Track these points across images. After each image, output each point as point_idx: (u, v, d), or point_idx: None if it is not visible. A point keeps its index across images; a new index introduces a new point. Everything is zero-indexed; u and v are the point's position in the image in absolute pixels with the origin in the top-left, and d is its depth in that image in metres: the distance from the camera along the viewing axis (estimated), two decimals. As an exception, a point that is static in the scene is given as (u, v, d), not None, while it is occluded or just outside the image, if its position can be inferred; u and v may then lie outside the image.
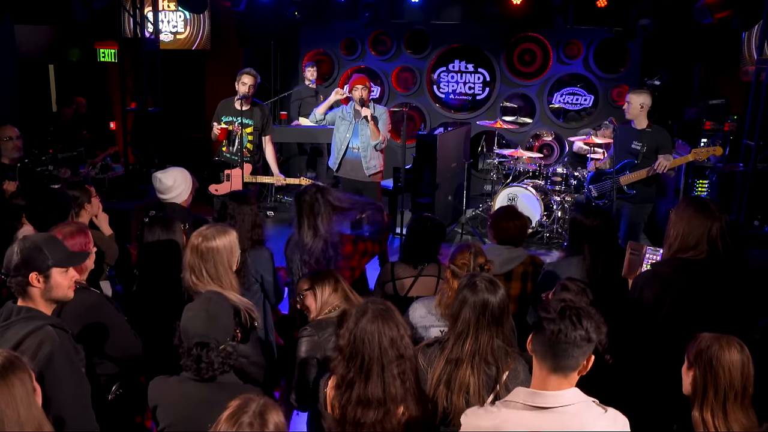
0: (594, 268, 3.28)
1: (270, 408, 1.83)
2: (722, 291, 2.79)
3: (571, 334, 1.86)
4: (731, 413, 2.13)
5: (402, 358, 2.22)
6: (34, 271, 2.35)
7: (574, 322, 1.87)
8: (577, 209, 3.52)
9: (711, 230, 2.76)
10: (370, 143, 5.83)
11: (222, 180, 5.67)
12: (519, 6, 8.34)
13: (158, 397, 2.37)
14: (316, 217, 3.65)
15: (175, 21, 9.41)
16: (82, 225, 3.13)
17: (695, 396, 2.18)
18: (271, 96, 9.22)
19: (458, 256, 3.09)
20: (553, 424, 1.88)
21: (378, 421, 2.19)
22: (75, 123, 8.61)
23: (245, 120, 5.60)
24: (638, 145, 5.41)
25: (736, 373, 2.13)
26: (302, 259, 3.67)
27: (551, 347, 1.89)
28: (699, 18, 7.18)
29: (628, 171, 5.48)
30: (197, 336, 2.26)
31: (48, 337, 2.30)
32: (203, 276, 2.94)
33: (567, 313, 1.89)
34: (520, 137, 9.74)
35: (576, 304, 1.92)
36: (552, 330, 1.88)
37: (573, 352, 1.88)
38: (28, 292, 2.38)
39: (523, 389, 1.96)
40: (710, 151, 5.44)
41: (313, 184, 3.82)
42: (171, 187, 3.98)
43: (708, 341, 2.19)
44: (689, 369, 2.22)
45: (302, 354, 2.81)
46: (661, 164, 5.22)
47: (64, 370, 2.31)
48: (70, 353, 2.35)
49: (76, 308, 2.70)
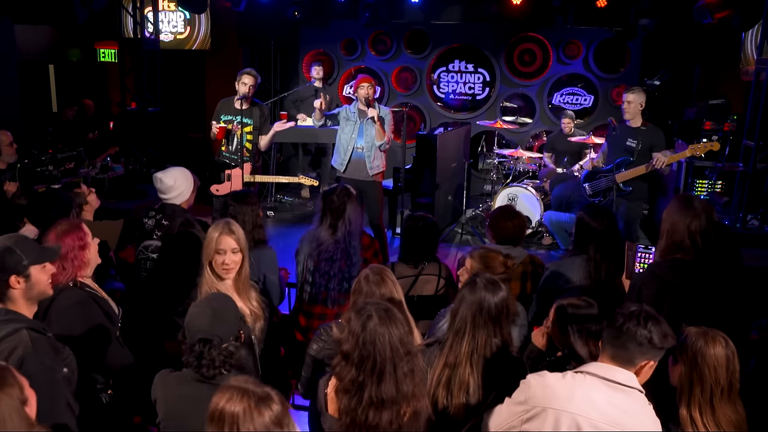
0: (598, 270, 3.27)
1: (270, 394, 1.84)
2: (719, 291, 2.80)
3: (634, 330, 2.00)
4: (719, 408, 2.15)
5: (410, 354, 2.24)
6: (12, 274, 2.34)
7: (641, 323, 2.01)
8: (584, 210, 3.51)
9: (690, 226, 2.80)
10: (375, 143, 5.83)
11: (223, 180, 5.67)
12: (519, 6, 8.34)
13: (158, 391, 2.39)
14: (335, 218, 3.68)
15: (175, 21, 9.42)
16: (76, 221, 3.09)
17: (682, 392, 2.21)
18: (271, 96, 9.22)
19: (492, 262, 3.08)
20: (623, 399, 1.99)
21: (392, 421, 2.19)
22: (79, 124, 8.64)
23: (244, 119, 5.61)
24: (633, 143, 5.45)
25: (722, 370, 2.15)
26: (311, 253, 3.68)
27: (616, 340, 2.03)
28: (699, 18, 7.18)
29: (623, 168, 5.52)
30: (201, 333, 2.27)
31: (23, 341, 2.28)
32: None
33: (637, 314, 2.04)
34: (520, 137, 9.74)
35: (648, 310, 2.07)
36: (619, 325, 2.03)
37: (634, 348, 2.00)
38: (8, 295, 2.37)
39: (596, 363, 2.09)
40: (708, 146, 5.46)
41: (342, 186, 3.85)
42: (171, 187, 3.97)
43: (693, 337, 2.22)
44: (675, 364, 2.26)
45: (312, 352, 2.84)
46: (660, 160, 5.26)
47: (37, 373, 2.26)
48: (43, 358, 2.33)
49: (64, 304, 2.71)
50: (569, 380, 2.02)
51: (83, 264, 2.86)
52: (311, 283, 3.69)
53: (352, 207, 3.70)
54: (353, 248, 3.68)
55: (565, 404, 1.97)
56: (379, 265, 2.91)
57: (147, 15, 7.93)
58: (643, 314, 2.02)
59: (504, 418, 2.09)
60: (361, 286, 2.76)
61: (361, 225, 3.86)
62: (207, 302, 2.37)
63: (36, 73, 9.34)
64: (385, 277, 2.78)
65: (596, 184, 5.80)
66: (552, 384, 2.03)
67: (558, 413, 1.97)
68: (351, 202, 3.71)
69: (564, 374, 2.06)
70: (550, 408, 1.98)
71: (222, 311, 2.35)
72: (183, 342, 2.32)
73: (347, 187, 3.84)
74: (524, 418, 2.03)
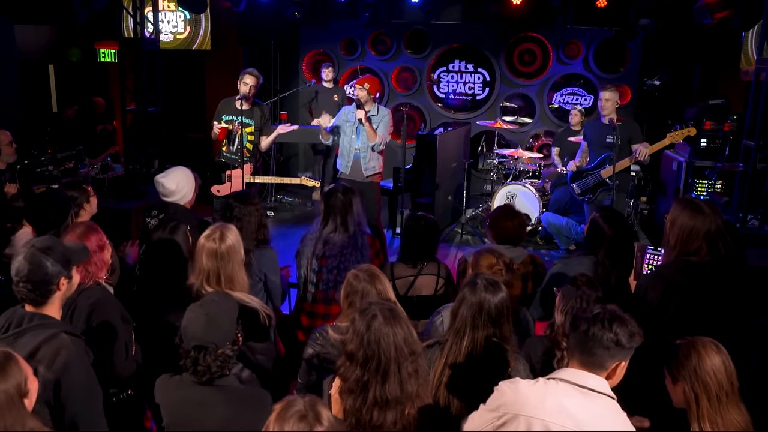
0: (606, 275, 3.26)
1: (318, 402, 1.81)
2: (725, 292, 2.79)
3: (599, 334, 1.98)
4: (726, 414, 2.15)
5: (414, 354, 2.24)
6: (62, 276, 2.34)
7: (605, 326, 1.99)
8: (600, 212, 3.49)
9: (710, 231, 2.76)
10: (369, 144, 5.83)
11: (224, 181, 5.67)
12: (519, 6, 8.33)
13: (160, 396, 2.39)
14: (343, 215, 3.68)
15: (175, 21, 9.41)
16: (91, 223, 3.09)
17: (690, 409, 2.19)
18: (271, 96, 9.22)
19: (482, 261, 3.09)
20: (595, 405, 1.97)
21: (396, 421, 2.19)
22: (85, 122, 8.66)
23: (245, 119, 5.61)
24: (612, 138, 5.78)
25: (722, 376, 2.15)
26: (314, 252, 3.67)
27: (582, 345, 2.02)
28: (699, 18, 7.17)
29: (607, 164, 5.85)
30: (195, 339, 2.26)
31: (64, 345, 2.28)
32: (221, 279, 2.94)
33: (600, 317, 2.01)
34: (520, 137, 9.74)
35: (613, 310, 2.04)
36: (583, 330, 2.01)
37: (601, 353, 1.99)
38: (51, 298, 2.35)
39: (567, 369, 2.08)
40: (685, 132, 5.82)
41: (342, 185, 3.87)
42: (174, 191, 3.99)
43: (685, 351, 2.20)
44: (675, 383, 2.24)
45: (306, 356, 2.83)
46: (641, 151, 5.67)
47: (80, 379, 2.30)
48: (85, 360, 2.35)
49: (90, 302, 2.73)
50: (541, 387, 2.02)
51: (104, 265, 2.88)
52: (316, 282, 3.69)
53: (357, 202, 3.72)
54: (363, 242, 3.70)
55: (537, 411, 1.96)
56: (366, 264, 2.92)
57: (147, 15, 7.92)
58: (608, 316, 2.00)
59: (477, 424, 2.09)
60: (354, 285, 2.76)
61: (365, 221, 3.88)
62: (202, 307, 2.34)
63: (36, 73, 9.33)
64: (375, 273, 2.79)
65: (583, 182, 6.08)
66: (523, 391, 2.02)
67: (529, 420, 1.96)
68: (355, 198, 3.73)
69: (536, 381, 2.05)
70: (521, 415, 1.97)
71: (217, 317, 2.31)
72: (180, 346, 2.31)
73: (346, 185, 3.85)
74: (497, 425, 2.03)
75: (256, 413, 2.20)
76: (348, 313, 2.73)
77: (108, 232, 3.07)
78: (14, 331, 2.31)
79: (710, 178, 6.89)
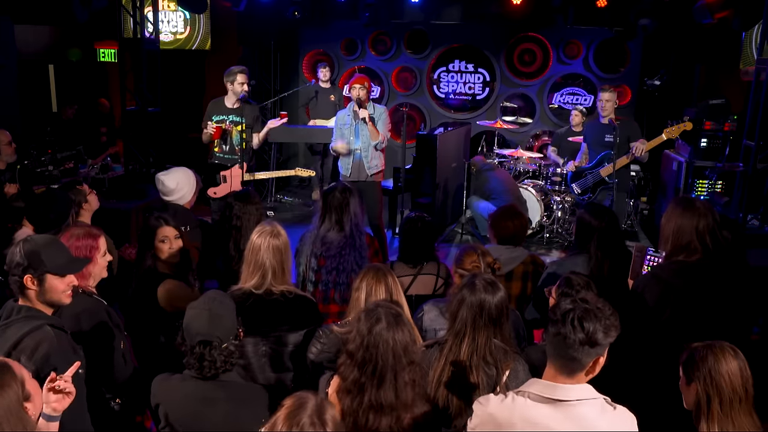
0: (600, 269, 3.28)
1: (326, 405, 1.82)
2: (722, 293, 2.78)
3: (571, 336, 1.89)
4: (737, 420, 2.12)
5: (413, 363, 2.23)
6: (28, 273, 2.34)
7: (575, 326, 1.88)
8: (584, 208, 3.55)
9: (698, 227, 2.77)
10: (371, 143, 5.83)
11: (219, 182, 5.67)
12: (519, 6, 8.33)
13: (160, 395, 2.39)
14: (339, 213, 3.68)
15: (175, 21, 9.42)
16: (95, 230, 3.00)
17: (700, 410, 2.17)
18: (271, 96, 9.22)
19: (465, 258, 3.10)
20: (566, 417, 1.92)
21: (391, 426, 2.19)
22: (88, 122, 8.65)
23: (236, 118, 5.64)
24: (611, 137, 5.83)
25: (737, 380, 2.13)
26: (314, 252, 3.68)
27: (555, 348, 1.94)
28: (699, 18, 7.18)
29: (606, 163, 5.91)
30: (200, 335, 2.28)
31: (46, 338, 2.30)
32: (284, 273, 2.99)
33: (570, 316, 1.90)
34: (520, 137, 9.74)
35: (585, 305, 1.92)
36: (553, 332, 1.93)
37: (574, 354, 1.90)
38: (24, 293, 2.39)
39: (537, 380, 2.01)
40: (681, 128, 5.84)
41: (341, 184, 3.86)
42: (174, 189, 3.99)
43: (702, 353, 2.18)
44: (689, 384, 2.21)
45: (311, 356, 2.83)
46: (639, 148, 5.70)
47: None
48: (67, 354, 2.35)
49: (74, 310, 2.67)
50: (509, 403, 1.99)
51: (87, 274, 2.80)
52: (315, 282, 3.69)
53: (354, 202, 3.71)
54: (362, 242, 3.70)
55: (507, 427, 1.95)
56: (379, 264, 2.92)
57: (147, 15, 7.92)
58: (578, 313, 1.89)
59: None
60: (362, 284, 2.76)
61: (364, 221, 3.88)
62: (204, 304, 2.37)
63: (36, 73, 9.33)
64: (385, 274, 2.78)
65: (583, 182, 6.13)
66: (492, 409, 2.01)
67: None
68: (353, 197, 3.73)
69: (505, 396, 2.03)
70: None
71: (219, 312, 2.35)
72: (182, 344, 2.32)
73: (345, 184, 3.86)
74: None
75: (254, 409, 2.27)
76: (356, 306, 2.72)
77: (108, 232, 3.06)
78: (3, 322, 2.36)
79: (710, 178, 6.90)
